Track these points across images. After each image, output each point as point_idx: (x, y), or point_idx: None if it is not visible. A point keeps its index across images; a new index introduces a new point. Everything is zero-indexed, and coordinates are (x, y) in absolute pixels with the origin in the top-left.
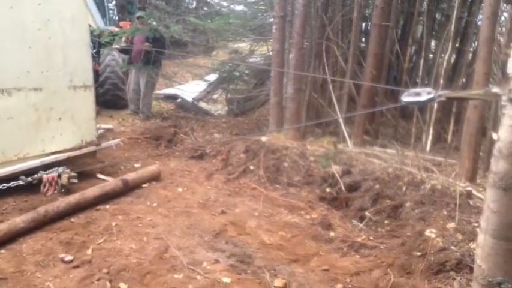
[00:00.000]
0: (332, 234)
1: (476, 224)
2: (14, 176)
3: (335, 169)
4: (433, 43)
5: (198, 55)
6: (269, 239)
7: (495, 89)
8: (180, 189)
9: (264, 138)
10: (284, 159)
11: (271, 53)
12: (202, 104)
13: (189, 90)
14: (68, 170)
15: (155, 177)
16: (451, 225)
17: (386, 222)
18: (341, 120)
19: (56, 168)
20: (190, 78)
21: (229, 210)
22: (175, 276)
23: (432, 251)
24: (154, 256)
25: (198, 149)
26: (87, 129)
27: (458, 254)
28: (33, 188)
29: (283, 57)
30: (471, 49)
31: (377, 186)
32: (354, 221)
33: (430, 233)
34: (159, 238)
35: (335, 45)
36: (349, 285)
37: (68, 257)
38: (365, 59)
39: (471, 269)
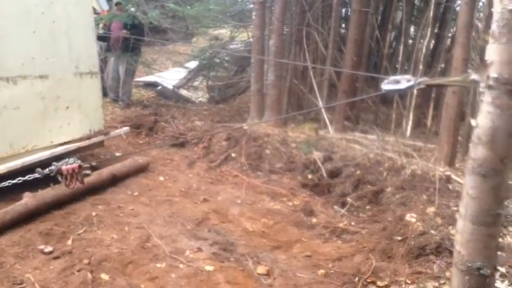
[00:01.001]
0: (314, 220)
1: (455, 208)
2: (23, 170)
3: (316, 155)
4: (412, 29)
5: (178, 42)
6: (252, 227)
7: (473, 76)
8: (161, 178)
9: (245, 126)
10: (266, 146)
11: (251, 40)
12: (183, 92)
13: (169, 77)
14: (79, 161)
15: (144, 169)
16: (431, 209)
17: (367, 207)
18: (322, 106)
19: (67, 160)
20: (170, 66)
21: (212, 198)
22: (158, 265)
23: (412, 235)
24: (136, 246)
25: (179, 137)
26: (94, 117)
27: (437, 237)
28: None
29: (263, 44)
30: (450, 35)
31: (358, 172)
32: (335, 207)
33: (411, 217)
34: (140, 227)
35: (315, 31)
36: (332, 271)
37: (48, 248)
38: (345, 45)
39: (450, 253)
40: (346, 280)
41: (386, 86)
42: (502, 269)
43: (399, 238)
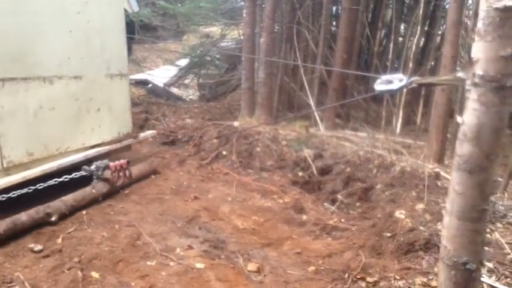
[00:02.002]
0: (304, 217)
1: (444, 205)
2: (57, 172)
3: (307, 153)
4: (402, 27)
5: (169, 40)
6: (242, 224)
7: (460, 73)
8: (152, 176)
9: (236, 123)
10: (256, 144)
11: (242, 37)
12: (174, 89)
13: (160, 75)
14: (100, 168)
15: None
16: (420, 206)
17: (357, 204)
18: (313, 104)
19: (100, 162)
20: (160, 63)
21: (202, 196)
22: (148, 263)
23: (402, 232)
24: (127, 244)
25: (170, 135)
26: (123, 120)
27: (426, 234)
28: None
29: (254, 41)
30: (439, 32)
31: (348, 169)
32: (326, 204)
33: (400, 214)
34: (131, 225)
35: (306, 29)
36: (322, 267)
37: (38, 247)
38: (336, 42)
39: (439, 248)
40: (336, 276)
41: (379, 86)
42: (490, 265)
43: (388, 234)
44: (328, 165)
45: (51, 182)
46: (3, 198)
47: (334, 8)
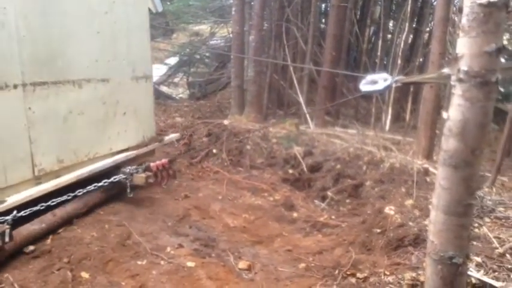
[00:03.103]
0: (295, 214)
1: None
2: (87, 179)
3: (297, 150)
4: (391, 24)
5: (158, 38)
6: (233, 222)
7: (445, 69)
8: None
9: (226, 122)
10: (247, 142)
11: (231, 35)
12: (163, 88)
13: None
14: (140, 169)
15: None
16: (409, 202)
17: (347, 201)
18: (303, 102)
19: (131, 167)
20: None
21: (193, 195)
22: (139, 262)
23: (391, 228)
24: (117, 243)
25: (160, 134)
26: (147, 124)
27: (415, 229)
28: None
29: (243, 39)
30: (427, 29)
31: (338, 166)
32: (316, 201)
33: (389, 210)
34: (121, 225)
35: (295, 26)
36: (312, 264)
37: (28, 248)
38: (325, 40)
39: None
40: (326, 273)
41: (365, 86)
42: (478, 259)
43: (378, 230)
44: (318, 162)
45: (90, 188)
46: (42, 207)
47: (323, 6)
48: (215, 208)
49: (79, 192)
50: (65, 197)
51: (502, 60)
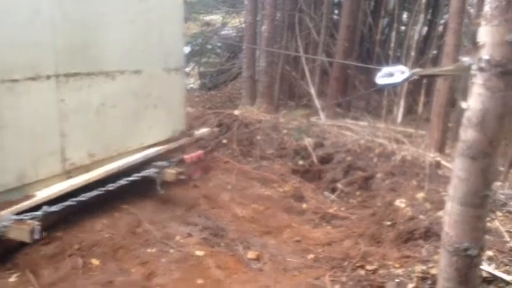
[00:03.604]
0: (304, 206)
1: (444, 193)
2: (117, 175)
3: (308, 142)
4: (405, 15)
5: None
6: (242, 212)
7: (465, 59)
8: None
9: (236, 112)
10: (257, 133)
11: (243, 25)
12: None
13: None
14: (171, 164)
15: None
16: (420, 194)
17: (357, 193)
18: (314, 93)
19: (162, 162)
20: None
21: (202, 184)
22: (148, 250)
23: (401, 220)
24: (127, 231)
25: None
26: (178, 118)
27: (426, 222)
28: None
29: (255, 29)
30: (442, 21)
31: (349, 158)
32: (326, 192)
33: (400, 202)
34: (131, 213)
35: (308, 16)
36: (321, 255)
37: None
38: (338, 31)
39: (439, 237)
40: (335, 264)
41: (381, 79)
42: (490, 253)
43: (388, 223)
44: (328, 154)
45: (122, 182)
46: (74, 203)
47: None
48: (224, 198)
49: (110, 186)
50: (95, 192)
51: None
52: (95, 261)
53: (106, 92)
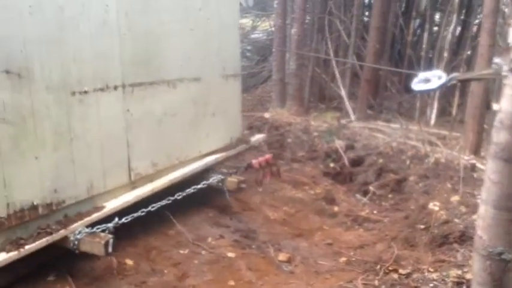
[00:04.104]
0: (336, 208)
1: (479, 196)
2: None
3: (338, 144)
4: (437, 16)
5: None
6: (273, 214)
7: (497, 60)
8: None
9: (267, 115)
10: (288, 135)
11: (273, 29)
12: None
13: None
14: (234, 172)
15: None
16: (455, 198)
17: (390, 196)
18: (345, 96)
19: (224, 170)
20: None
21: None
22: (181, 251)
23: (436, 224)
24: (160, 232)
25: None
26: (235, 125)
27: (461, 226)
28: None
29: (285, 33)
30: (476, 21)
31: (381, 160)
32: (357, 195)
33: (434, 206)
34: (163, 214)
35: (337, 19)
36: (353, 258)
37: None
38: (368, 33)
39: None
40: (367, 268)
41: (417, 85)
42: None
43: (422, 226)
44: (360, 156)
45: (189, 191)
46: (143, 213)
47: None
48: (255, 200)
49: (178, 195)
50: (164, 202)
51: None
52: (129, 262)
53: (167, 100)
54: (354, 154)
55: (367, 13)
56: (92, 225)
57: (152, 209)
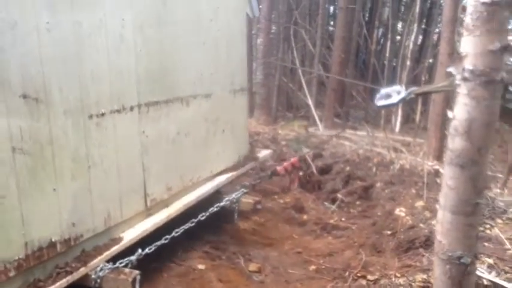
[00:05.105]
0: (305, 217)
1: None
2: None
3: (306, 153)
4: (399, 25)
5: None
6: (243, 225)
7: (450, 68)
8: None
9: None
10: (256, 145)
11: None
12: None
13: None
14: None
15: None
16: (420, 203)
17: (357, 203)
18: (312, 104)
19: (238, 190)
20: None
21: None
22: (152, 264)
23: (402, 229)
24: None
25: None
26: (243, 141)
27: (426, 231)
28: None
29: (251, 42)
30: (436, 30)
31: (348, 168)
32: (326, 203)
33: (400, 211)
34: None
35: (303, 29)
36: (322, 266)
37: None
38: (333, 42)
39: None
40: (336, 275)
41: (380, 101)
42: (490, 260)
43: (389, 232)
44: (327, 164)
45: (206, 214)
46: (166, 241)
47: (331, 8)
48: None
49: (202, 216)
50: (188, 225)
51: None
52: None
53: (181, 119)
54: (321, 162)
55: (332, 22)
56: (112, 259)
57: (176, 234)
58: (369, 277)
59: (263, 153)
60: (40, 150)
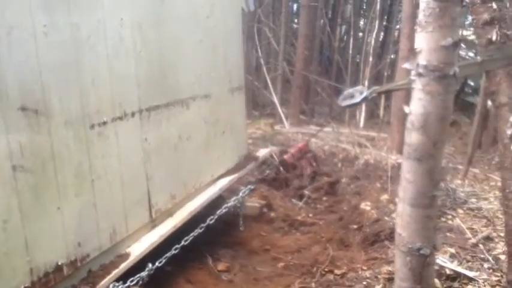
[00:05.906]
0: (273, 214)
1: None
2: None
3: (273, 150)
4: (361, 22)
5: None
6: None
7: (406, 64)
8: None
9: None
10: None
11: None
12: None
13: None
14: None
15: None
16: (384, 196)
17: (324, 198)
18: (277, 102)
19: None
20: None
21: None
22: None
23: (367, 223)
24: None
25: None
26: (242, 141)
27: (391, 223)
28: None
29: None
30: (397, 27)
31: (314, 164)
32: (293, 200)
33: (365, 206)
34: None
35: (267, 27)
36: (291, 263)
37: None
38: (297, 40)
39: None
40: (304, 271)
41: (344, 102)
42: (452, 250)
43: (355, 227)
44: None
45: (212, 220)
46: (176, 251)
47: (294, 6)
48: None
49: (210, 219)
50: (197, 231)
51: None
52: None
53: (182, 123)
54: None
55: (296, 20)
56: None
57: (185, 243)
58: (336, 271)
59: (262, 152)
60: (42, 166)
